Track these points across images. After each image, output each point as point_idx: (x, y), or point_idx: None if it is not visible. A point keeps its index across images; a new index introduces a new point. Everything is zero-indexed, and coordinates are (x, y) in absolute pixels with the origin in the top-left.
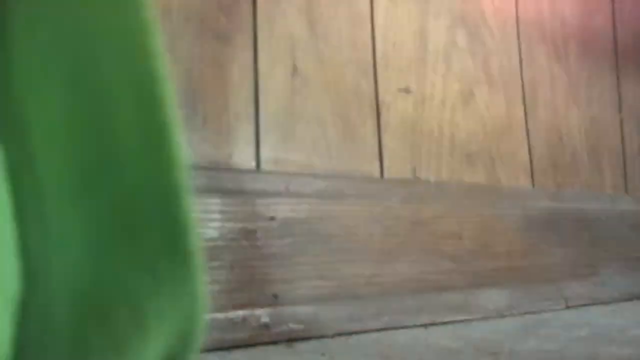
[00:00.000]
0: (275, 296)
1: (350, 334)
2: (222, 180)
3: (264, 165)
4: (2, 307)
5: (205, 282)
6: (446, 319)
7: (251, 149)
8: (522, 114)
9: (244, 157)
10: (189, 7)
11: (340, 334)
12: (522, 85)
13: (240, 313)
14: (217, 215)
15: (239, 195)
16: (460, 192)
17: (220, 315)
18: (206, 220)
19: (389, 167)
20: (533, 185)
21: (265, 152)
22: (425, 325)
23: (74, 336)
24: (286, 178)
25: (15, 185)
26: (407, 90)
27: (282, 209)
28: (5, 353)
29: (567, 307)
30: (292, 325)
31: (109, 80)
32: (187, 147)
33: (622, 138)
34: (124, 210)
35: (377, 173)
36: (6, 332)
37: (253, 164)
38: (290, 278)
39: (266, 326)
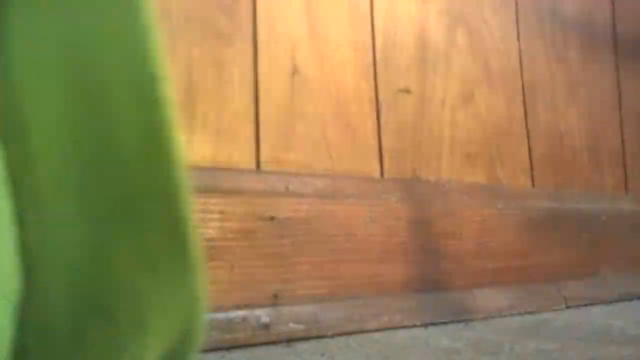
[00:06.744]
0: (275, 296)
1: (350, 334)
2: (222, 180)
3: (264, 165)
4: (2, 307)
5: (205, 282)
6: (446, 319)
7: (251, 149)
8: (522, 114)
9: (244, 157)
10: (189, 7)
11: (340, 334)
12: (522, 85)
13: (240, 313)
14: (217, 215)
15: (239, 195)
16: (460, 192)
17: (220, 315)
18: (206, 220)
19: (389, 167)
20: (533, 185)
21: (265, 152)
22: (425, 325)
23: (74, 335)
24: (286, 178)
25: (15, 185)
26: (407, 90)
27: (282, 209)
28: (5, 353)
29: (567, 307)
30: (292, 325)
31: (109, 80)
32: (187, 147)
33: (622, 138)
34: (124, 209)
35: (377, 173)
36: (6, 332)
37: (253, 164)
38: (290, 278)
39: (266, 326)
